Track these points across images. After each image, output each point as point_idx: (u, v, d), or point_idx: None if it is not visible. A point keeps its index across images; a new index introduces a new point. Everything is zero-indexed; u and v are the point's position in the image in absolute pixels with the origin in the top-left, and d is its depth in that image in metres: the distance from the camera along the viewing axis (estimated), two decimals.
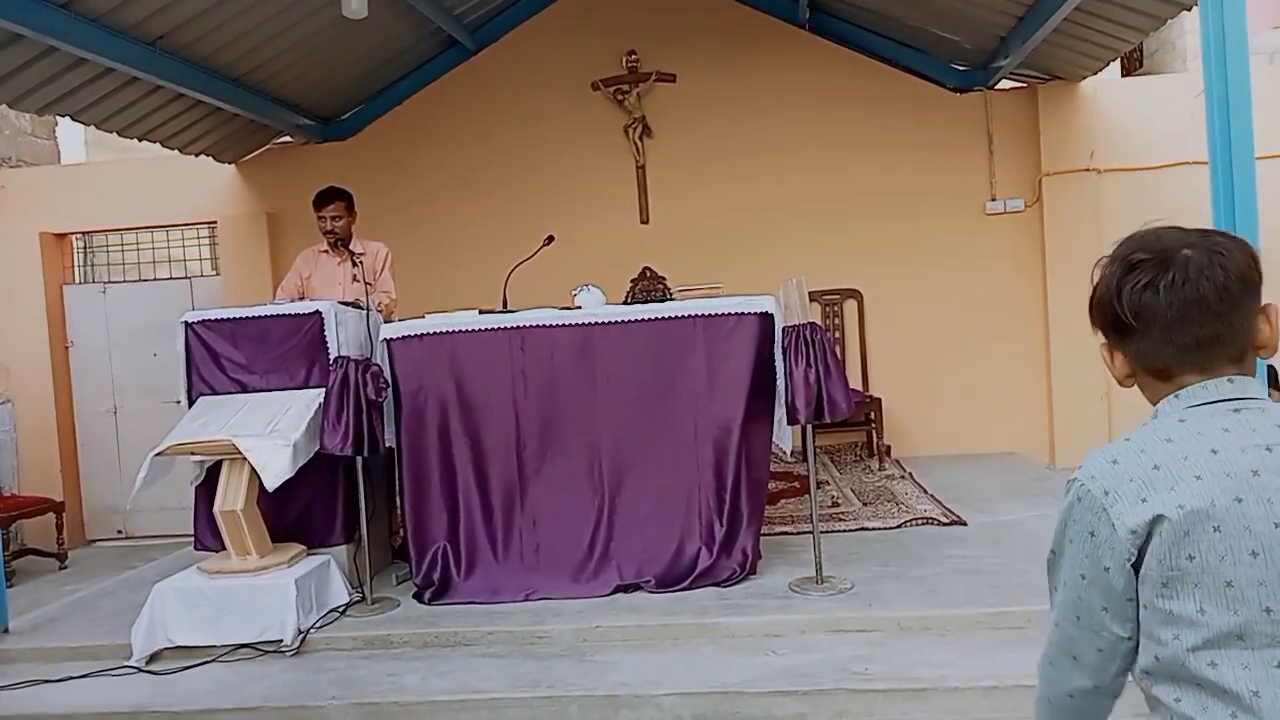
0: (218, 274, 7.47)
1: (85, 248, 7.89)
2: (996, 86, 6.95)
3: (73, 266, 7.71)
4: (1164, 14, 5.10)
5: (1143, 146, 6.76)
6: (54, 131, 8.34)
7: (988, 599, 3.69)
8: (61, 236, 7.57)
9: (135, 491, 4.05)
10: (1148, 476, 1.10)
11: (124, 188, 7.43)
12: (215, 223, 7.48)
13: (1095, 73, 6.55)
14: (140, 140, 6.31)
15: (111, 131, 6.06)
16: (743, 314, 4.15)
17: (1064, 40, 5.84)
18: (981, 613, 3.57)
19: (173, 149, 6.66)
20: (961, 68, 7.04)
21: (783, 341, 3.99)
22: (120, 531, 7.42)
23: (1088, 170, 6.78)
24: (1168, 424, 1.14)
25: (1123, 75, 8.30)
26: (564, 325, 4.24)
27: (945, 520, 4.95)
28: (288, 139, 7.37)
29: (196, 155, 6.85)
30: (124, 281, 7.64)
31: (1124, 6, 5.10)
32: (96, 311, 7.41)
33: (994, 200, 6.99)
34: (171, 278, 7.62)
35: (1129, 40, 5.64)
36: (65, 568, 6.38)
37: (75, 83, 5.28)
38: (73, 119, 5.75)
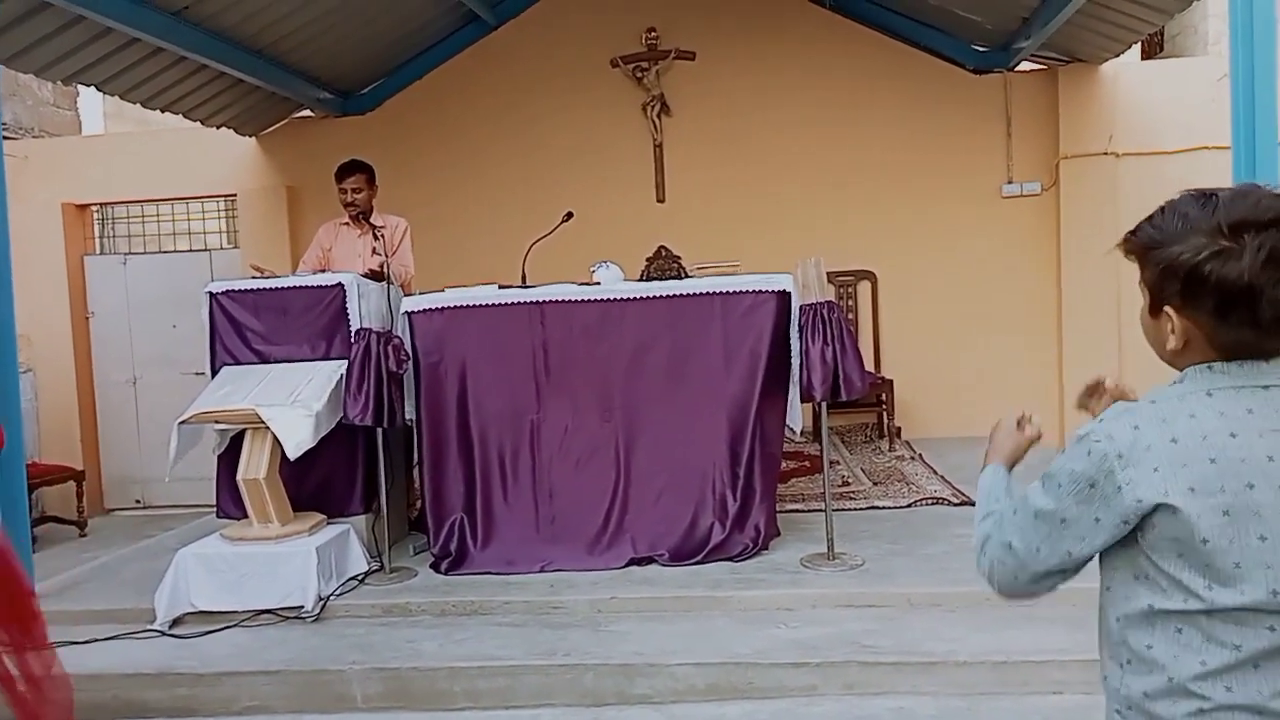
0: (237, 247, 7.52)
1: (105, 219, 7.95)
2: (1016, 69, 6.92)
3: (94, 237, 7.77)
4: None
5: (1162, 130, 6.73)
6: (75, 102, 8.39)
7: None
8: (83, 207, 7.63)
9: (172, 462, 4.13)
10: (1165, 449, 1.12)
11: (145, 159, 7.48)
12: (235, 195, 7.52)
13: (1117, 55, 6.50)
14: (163, 111, 6.35)
15: (135, 102, 6.11)
16: (760, 292, 4.18)
17: (1086, 22, 5.80)
18: (990, 590, 3.60)
19: (194, 121, 6.70)
20: (982, 49, 7.00)
21: (799, 320, 4.03)
22: (139, 501, 7.53)
23: (1106, 154, 6.75)
24: (1194, 398, 1.14)
25: (1143, 59, 8.23)
26: (583, 301, 4.28)
27: (955, 500, 4.99)
28: (308, 113, 7.40)
29: (218, 127, 6.89)
30: (144, 253, 7.70)
31: None
32: (117, 282, 7.48)
33: (1010, 183, 6.97)
34: (191, 250, 7.68)
35: (1153, 22, 5.61)
36: (85, 535, 6.48)
37: (101, 53, 5.32)
38: (97, 89, 5.80)
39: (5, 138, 7.40)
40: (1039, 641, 3.20)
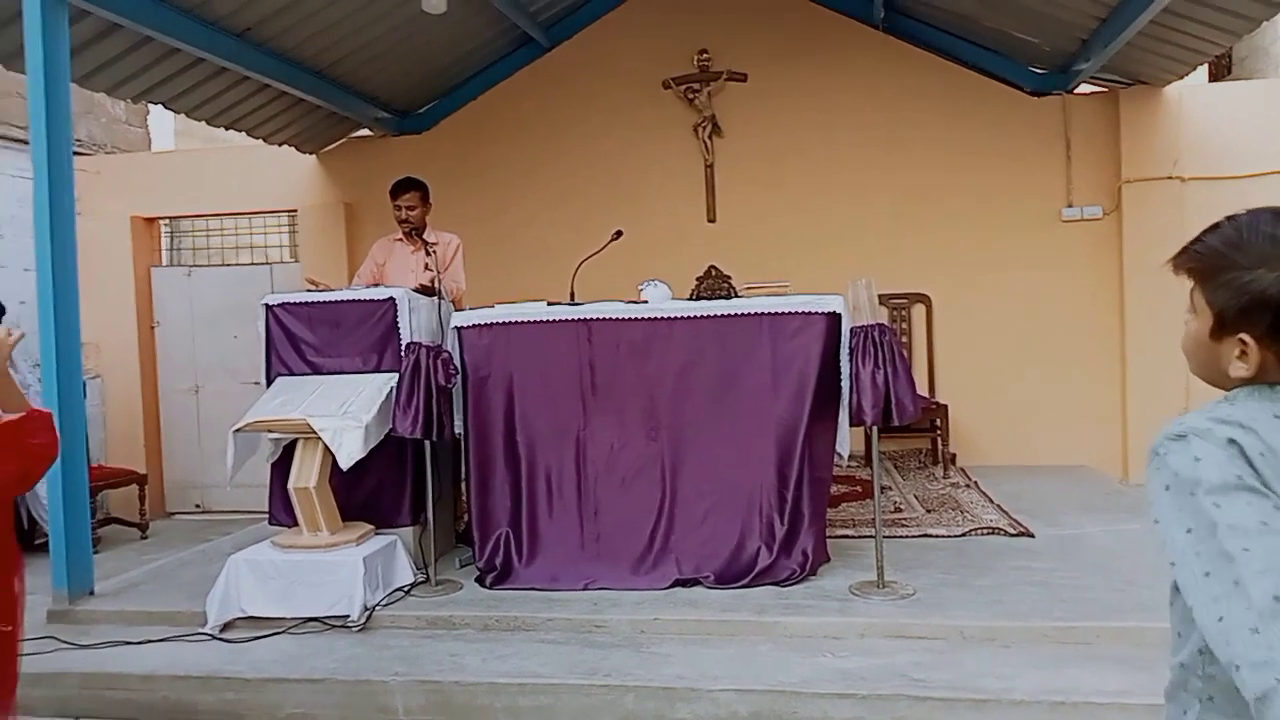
0: (297, 261, 7.69)
1: (174, 232, 8.20)
2: (1075, 90, 6.79)
3: (160, 250, 8.01)
4: (1259, 15, 4.92)
5: (1231, 154, 6.54)
6: (146, 120, 8.68)
7: (1055, 612, 3.62)
8: (150, 221, 7.87)
9: (230, 470, 4.22)
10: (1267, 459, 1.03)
11: (210, 175, 7.70)
12: (295, 211, 7.70)
13: (1181, 77, 6.35)
14: (227, 129, 6.55)
15: (200, 120, 6.30)
16: (810, 313, 4.13)
17: (1150, 43, 5.68)
18: (1049, 626, 3.50)
19: (257, 139, 6.89)
20: (1039, 71, 6.89)
21: (850, 342, 3.97)
22: (198, 506, 7.70)
23: (1170, 178, 6.58)
24: (1264, 418, 1.07)
25: (1210, 82, 8.03)
26: (631, 319, 4.27)
27: (1012, 531, 4.86)
28: (366, 132, 7.56)
29: (279, 145, 7.07)
30: (208, 266, 7.92)
31: (1216, 8, 4.94)
32: (181, 294, 7.69)
33: (1070, 207, 6.82)
34: (253, 263, 7.87)
35: (1220, 44, 5.46)
36: (146, 537, 6.64)
37: (168, 72, 5.51)
38: (165, 107, 6.00)
39: (78, 153, 7.69)
40: (1100, 682, 3.08)
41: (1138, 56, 5.96)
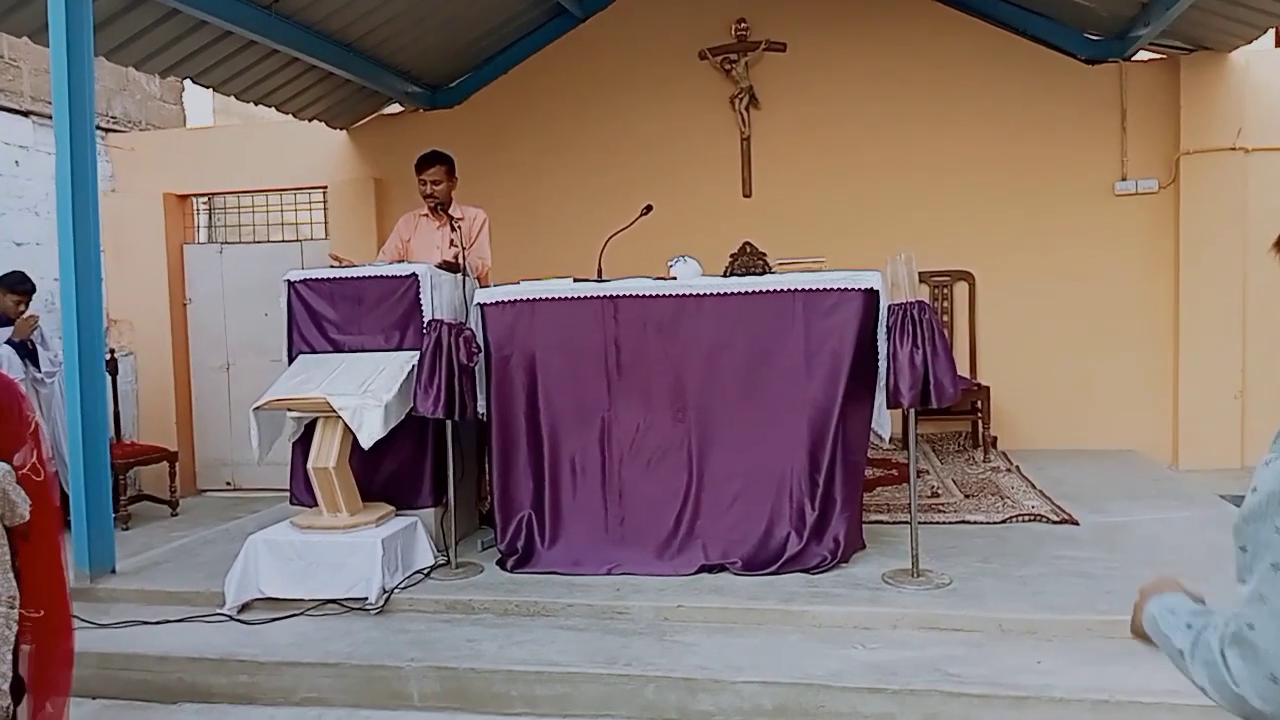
0: (327, 238, 7.64)
1: (210, 209, 8.21)
2: (1133, 58, 6.46)
3: (194, 227, 8.02)
4: None
5: None
6: (181, 97, 8.68)
7: (1100, 605, 3.42)
8: (183, 198, 7.87)
9: (257, 448, 4.17)
10: None
11: (242, 152, 7.67)
12: (325, 187, 7.64)
13: (1249, 42, 5.99)
14: (256, 104, 6.49)
15: (230, 95, 6.25)
16: (846, 289, 3.95)
17: (1216, 5, 5.34)
18: (1093, 619, 3.31)
19: (287, 114, 6.83)
20: (1094, 37, 6.56)
21: (887, 320, 3.79)
22: (229, 483, 7.73)
23: (1234, 149, 6.24)
24: None
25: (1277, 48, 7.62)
26: (659, 296, 4.13)
27: (1055, 518, 4.66)
28: (397, 107, 7.47)
29: (310, 120, 7.01)
30: (239, 243, 7.91)
31: None
32: (213, 271, 7.70)
33: (1124, 180, 6.51)
34: (284, 240, 7.85)
35: None
36: (176, 514, 6.68)
37: (195, 45, 5.45)
38: (193, 81, 5.95)
39: (113, 129, 7.72)
40: (1147, 680, 2.89)
41: (1202, 20, 5.62)
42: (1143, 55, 6.50)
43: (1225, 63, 6.25)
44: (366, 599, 3.79)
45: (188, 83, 7.57)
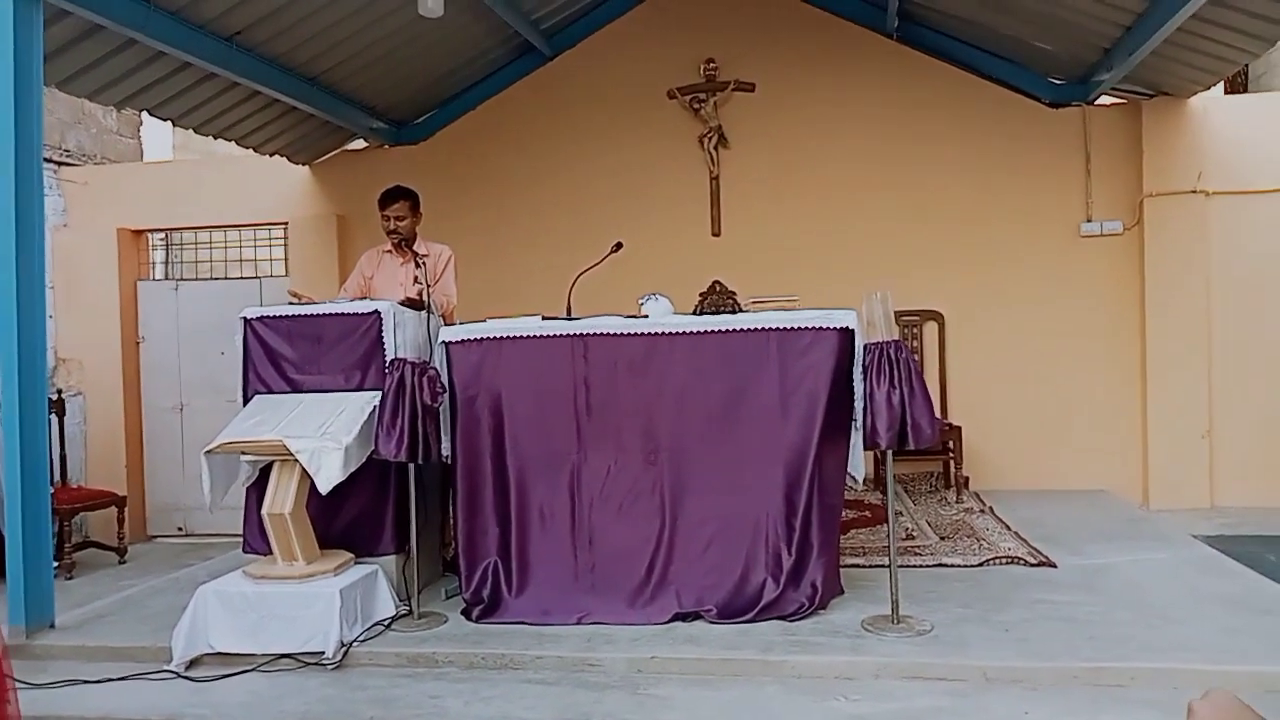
0: (287, 275, 7.46)
1: (168, 245, 8.00)
2: (1095, 102, 6.56)
3: (149, 263, 7.80)
4: None
5: (1257, 168, 6.32)
6: (138, 131, 8.50)
7: (1085, 651, 3.34)
8: (138, 233, 7.66)
9: (208, 494, 3.97)
10: None
11: (200, 187, 7.50)
12: (286, 224, 7.48)
13: (1207, 88, 6.11)
14: (216, 138, 6.34)
15: (189, 128, 6.10)
16: (821, 329, 3.88)
17: (1175, 52, 5.44)
18: (1080, 667, 3.22)
19: (247, 148, 6.69)
20: (1058, 81, 6.66)
21: (864, 360, 3.71)
22: (181, 529, 7.45)
23: (1195, 192, 6.33)
24: None
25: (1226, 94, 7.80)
26: (629, 334, 4.02)
27: (1032, 560, 4.58)
28: (361, 143, 7.36)
29: (270, 155, 6.87)
30: (195, 280, 7.70)
31: (1246, 12, 4.70)
32: (168, 308, 7.47)
33: (1090, 222, 6.58)
34: (242, 277, 7.65)
35: (1251, 51, 5.21)
36: (124, 562, 6.40)
37: (153, 77, 5.31)
38: (151, 114, 5.80)
39: (65, 163, 7.51)
40: None
41: (1162, 66, 5.73)
42: (1105, 100, 6.60)
43: (1185, 108, 6.37)
44: (323, 653, 3.58)
45: (146, 116, 7.43)
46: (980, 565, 4.56)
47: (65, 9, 4.35)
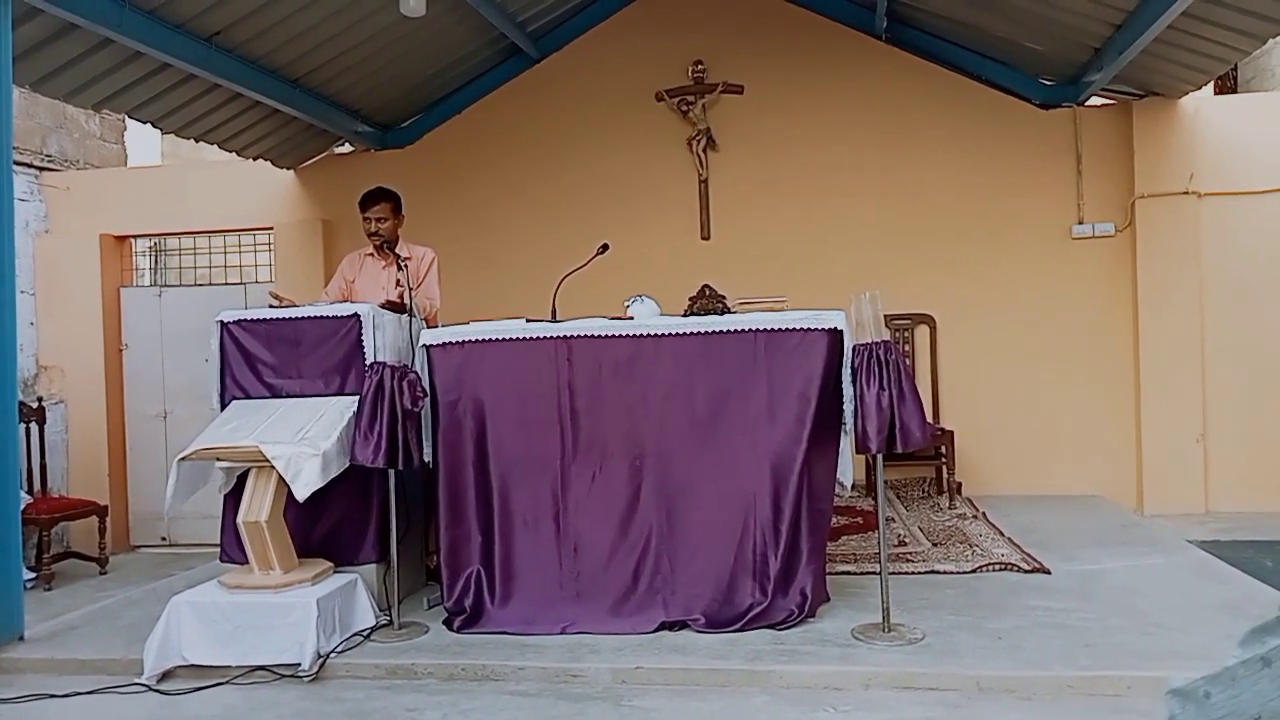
0: (273, 280, 7.37)
1: (153, 251, 7.89)
2: (1086, 103, 6.51)
3: (132, 269, 7.69)
4: None
5: (1249, 169, 6.27)
6: (122, 136, 8.40)
7: (1081, 660, 3.26)
8: (121, 239, 7.56)
9: (170, 500, 3.87)
10: None
11: (184, 192, 7.40)
12: (272, 228, 7.39)
13: (1198, 88, 6.07)
14: (197, 141, 6.25)
15: (169, 131, 6.01)
16: (809, 330, 3.80)
17: (1165, 51, 5.39)
18: (1075, 675, 3.14)
19: (230, 151, 6.59)
20: (1048, 82, 6.61)
21: (853, 361, 3.64)
22: (164, 538, 7.32)
23: (1186, 193, 6.28)
24: None
25: (1215, 95, 7.76)
26: (614, 336, 3.94)
27: (1026, 567, 4.50)
28: (347, 147, 7.27)
29: (254, 159, 6.78)
30: (179, 286, 7.60)
31: (1237, 9, 4.65)
32: (151, 315, 7.37)
33: (1081, 223, 6.52)
34: (227, 283, 7.56)
35: (1241, 49, 5.16)
36: (105, 573, 6.28)
37: (131, 78, 5.21)
38: (130, 116, 5.70)
39: (47, 168, 7.42)
40: None
41: (1152, 65, 5.68)
42: (1096, 100, 6.56)
43: (1176, 108, 6.32)
44: (299, 665, 3.49)
45: (129, 121, 7.34)
46: (973, 572, 4.48)
47: (37, 6, 4.25)
